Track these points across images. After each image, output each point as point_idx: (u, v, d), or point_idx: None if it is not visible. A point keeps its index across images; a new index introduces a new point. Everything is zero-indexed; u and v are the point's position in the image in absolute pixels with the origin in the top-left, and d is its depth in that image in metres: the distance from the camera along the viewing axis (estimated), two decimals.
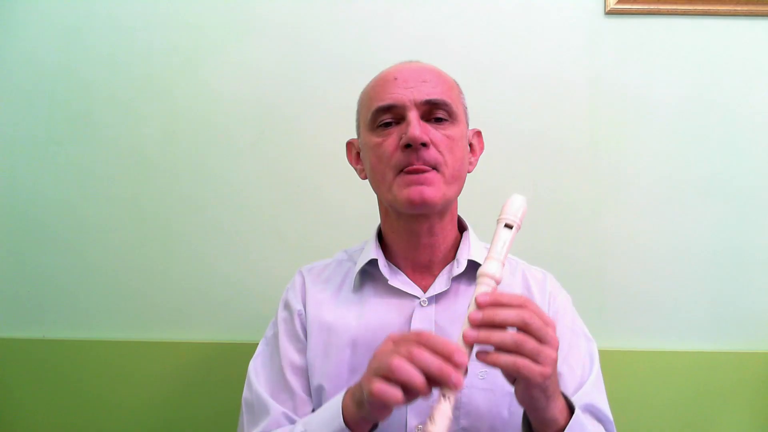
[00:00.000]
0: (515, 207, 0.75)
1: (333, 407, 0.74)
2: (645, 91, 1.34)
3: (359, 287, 0.93)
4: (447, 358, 0.62)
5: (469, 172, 0.93)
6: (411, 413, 0.83)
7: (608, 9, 1.33)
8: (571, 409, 0.73)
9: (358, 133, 0.95)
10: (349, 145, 0.98)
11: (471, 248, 0.92)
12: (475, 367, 0.84)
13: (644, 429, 0.83)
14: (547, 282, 0.95)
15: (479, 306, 0.66)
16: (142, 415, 1.36)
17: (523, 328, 0.65)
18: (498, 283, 0.70)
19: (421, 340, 0.64)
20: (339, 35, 1.36)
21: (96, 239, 1.38)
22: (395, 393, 0.62)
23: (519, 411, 0.76)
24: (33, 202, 1.38)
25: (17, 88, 1.38)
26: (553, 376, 0.67)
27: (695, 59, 1.33)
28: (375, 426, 0.73)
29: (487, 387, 0.83)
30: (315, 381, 0.87)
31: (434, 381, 0.62)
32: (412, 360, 0.63)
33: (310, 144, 1.36)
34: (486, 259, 0.71)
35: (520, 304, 0.66)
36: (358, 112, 0.94)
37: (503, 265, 0.71)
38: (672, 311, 1.33)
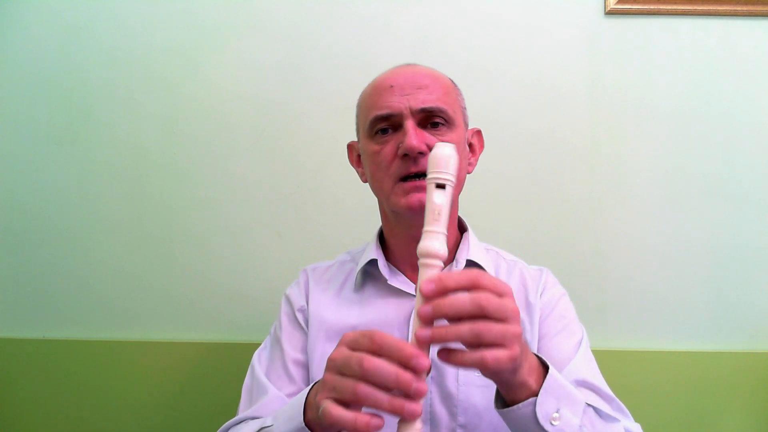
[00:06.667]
0: (442, 161, 0.63)
1: (297, 403, 0.70)
2: (645, 91, 1.34)
3: (360, 287, 0.94)
4: (404, 364, 0.56)
5: (468, 172, 0.93)
6: None
7: (608, 9, 1.33)
8: (546, 370, 0.68)
9: (358, 137, 0.95)
10: (350, 147, 0.99)
11: (470, 248, 0.93)
12: None
13: (644, 429, 0.83)
14: (542, 276, 0.95)
15: (425, 296, 0.58)
16: (142, 415, 1.36)
17: (480, 315, 0.57)
18: (443, 260, 0.61)
19: (374, 347, 0.58)
20: (340, 34, 1.36)
21: (96, 239, 1.38)
22: (352, 419, 0.57)
23: None
24: (33, 202, 1.38)
25: (18, 87, 1.38)
26: (521, 351, 0.61)
27: (695, 59, 1.33)
28: None
29: (483, 384, 0.83)
30: (314, 375, 0.88)
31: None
32: (366, 377, 0.57)
33: (311, 143, 1.36)
34: (423, 232, 0.62)
35: (470, 283, 0.59)
36: (357, 117, 0.95)
37: (444, 234, 0.61)
38: (672, 311, 1.33)
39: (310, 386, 0.71)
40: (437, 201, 0.62)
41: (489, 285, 0.59)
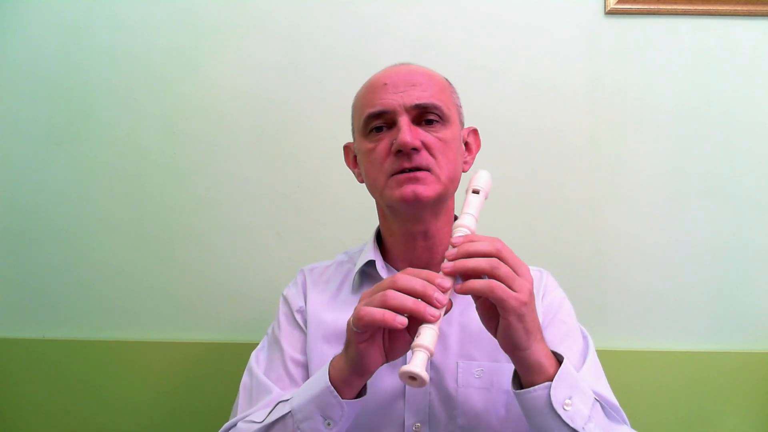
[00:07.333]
0: (480, 178, 0.82)
1: (321, 370, 0.76)
2: (645, 91, 1.34)
3: (358, 288, 0.94)
4: (430, 281, 0.67)
5: (464, 171, 0.93)
6: (408, 412, 0.84)
7: (608, 9, 1.33)
8: (559, 360, 0.72)
9: (354, 138, 0.95)
10: (346, 149, 0.99)
11: None
12: (471, 366, 0.84)
13: (644, 429, 0.83)
14: (542, 278, 0.96)
15: (454, 245, 0.71)
16: (141, 415, 1.36)
17: (498, 256, 0.68)
18: (471, 231, 0.76)
19: (405, 272, 0.69)
20: (340, 34, 1.36)
21: (96, 239, 1.38)
22: (381, 312, 0.65)
23: (516, 408, 0.75)
24: (33, 202, 1.38)
25: (18, 87, 1.38)
26: (530, 308, 0.69)
27: (695, 59, 1.33)
28: (362, 392, 0.74)
29: (483, 386, 0.84)
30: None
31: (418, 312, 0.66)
32: (396, 284, 0.67)
33: (310, 143, 1.36)
34: (460, 215, 0.78)
35: (493, 240, 0.70)
36: (352, 118, 0.95)
37: (476, 219, 0.77)
38: (672, 311, 1.33)
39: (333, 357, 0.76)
40: (473, 201, 0.80)
41: (509, 248, 0.70)
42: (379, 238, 0.98)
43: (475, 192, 0.80)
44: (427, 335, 0.65)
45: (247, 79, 1.36)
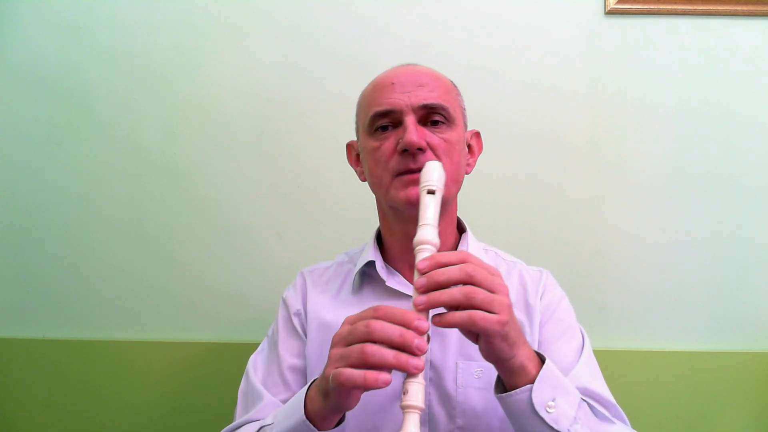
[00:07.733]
0: (431, 174, 0.75)
1: (297, 399, 0.73)
2: (645, 91, 1.34)
3: (358, 289, 0.94)
4: (407, 326, 0.62)
5: (467, 173, 0.93)
6: None
7: (608, 9, 1.33)
8: (542, 361, 0.71)
9: (358, 136, 0.95)
10: (349, 147, 0.99)
11: (468, 248, 0.92)
12: (471, 366, 0.84)
13: (644, 429, 0.83)
14: (542, 277, 0.95)
15: (421, 272, 0.65)
16: (142, 415, 1.36)
17: (470, 282, 0.64)
18: (436, 248, 0.69)
19: (378, 314, 0.64)
20: (340, 34, 1.36)
21: (96, 239, 1.38)
22: (364, 375, 0.60)
23: None
24: (33, 202, 1.38)
25: (18, 87, 1.38)
26: (512, 323, 0.66)
27: (695, 59, 1.33)
28: (341, 420, 0.72)
29: (482, 386, 0.83)
30: (311, 377, 0.88)
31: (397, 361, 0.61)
32: (372, 336, 0.62)
33: (311, 143, 1.36)
34: (418, 227, 0.71)
35: (460, 260, 0.65)
36: (357, 116, 0.95)
37: (436, 229, 0.71)
38: (672, 311, 1.33)
39: (309, 383, 0.73)
40: (429, 203, 0.73)
41: (478, 261, 0.66)
42: (380, 239, 0.98)
43: (431, 192, 0.73)
44: (413, 391, 0.61)
45: (247, 79, 1.36)
